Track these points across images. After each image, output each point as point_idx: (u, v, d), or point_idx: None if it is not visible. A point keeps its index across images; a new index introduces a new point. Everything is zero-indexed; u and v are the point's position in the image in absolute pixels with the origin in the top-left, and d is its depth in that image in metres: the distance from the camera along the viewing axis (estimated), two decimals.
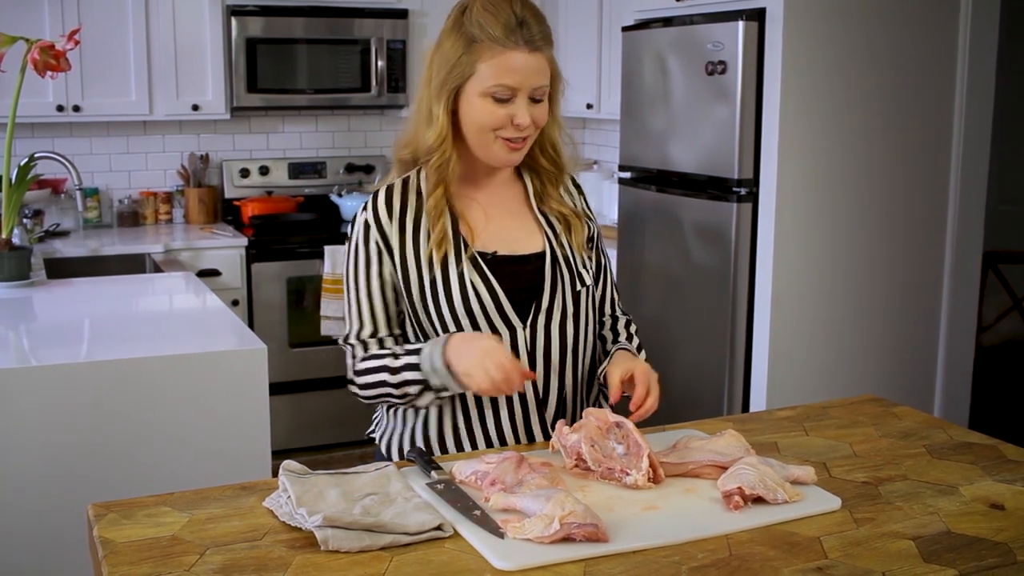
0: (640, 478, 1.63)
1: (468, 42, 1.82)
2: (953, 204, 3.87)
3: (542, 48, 1.84)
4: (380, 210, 1.91)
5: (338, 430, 4.76)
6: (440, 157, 1.87)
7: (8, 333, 2.82)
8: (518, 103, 1.83)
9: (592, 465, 1.68)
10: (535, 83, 1.83)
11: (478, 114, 1.84)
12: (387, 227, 1.90)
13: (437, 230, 1.88)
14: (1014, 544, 1.45)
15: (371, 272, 1.91)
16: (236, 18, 4.69)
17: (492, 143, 1.86)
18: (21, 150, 4.15)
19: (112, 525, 1.49)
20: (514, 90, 1.82)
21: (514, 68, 1.81)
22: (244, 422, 2.52)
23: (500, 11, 1.81)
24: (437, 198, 1.89)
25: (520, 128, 1.84)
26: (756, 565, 1.38)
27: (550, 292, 1.92)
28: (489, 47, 1.80)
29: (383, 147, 5.40)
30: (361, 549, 1.40)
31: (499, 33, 1.80)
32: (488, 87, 1.82)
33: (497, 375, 1.72)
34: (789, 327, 3.66)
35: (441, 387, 1.81)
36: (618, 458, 1.68)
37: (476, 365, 1.73)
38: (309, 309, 4.66)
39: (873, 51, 3.64)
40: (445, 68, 1.85)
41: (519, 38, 1.80)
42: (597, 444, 1.70)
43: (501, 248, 1.92)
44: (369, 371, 1.89)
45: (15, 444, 2.31)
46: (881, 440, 1.90)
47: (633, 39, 4.13)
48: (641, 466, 1.64)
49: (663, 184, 4.01)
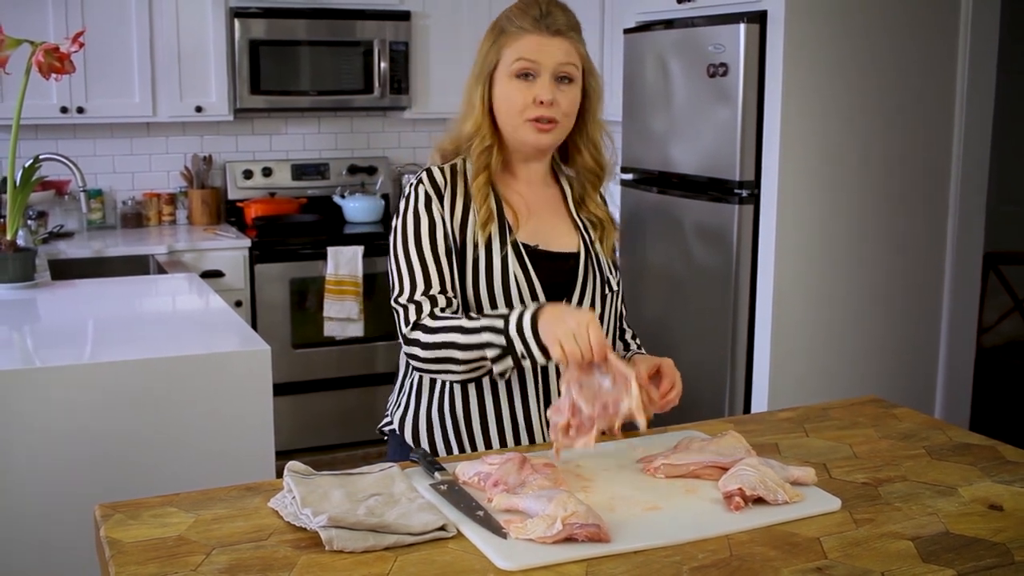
0: (633, 405, 1.64)
1: (498, 35, 1.95)
2: (954, 205, 3.88)
3: (565, 33, 1.93)
4: (439, 181, 1.96)
5: (342, 430, 4.77)
6: (481, 143, 1.96)
7: (12, 334, 2.83)
8: (541, 82, 1.91)
9: (586, 407, 1.66)
10: (557, 60, 1.91)
11: (506, 96, 1.94)
12: (446, 200, 1.95)
13: (483, 211, 1.93)
14: (1012, 544, 1.47)
15: (435, 235, 1.93)
16: (239, 20, 4.71)
17: (521, 126, 1.94)
18: (25, 152, 4.16)
19: (119, 525, 1.51)
20: (535, 64, 1.91)
21: (534, 46, 1.91)
22: (248, 423, 2.53)
23: (530, 7, 1.94)
24: (481, 183, 1.95)
25: (544, 105, 1.90)
26: (756, 565, 1.40)
27: (580, 291, 1.98)
28: (512, 33, 1.93)
29: (386, 148, 5.42)
30: (365, 549, 1.42)
31: (525, 23, 1.92)
32: (511, 67, 1.92)
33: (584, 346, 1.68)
34: (790, 328, 3.67)
35: (522, 354, 1.78)
36: (607, 391, 1.67)
37: (568, 334, 1.70)
38: (312, 310, 4.67)
39: (874, 53, 3.65)
40: (479, 62, 1.98)
41: (541, 24, 1.91)
42: (585, 384, 1.69)
43: (541, 243, 1.98)
44: (439, 330, 1.85)
45: (20, 445, 2.32)
46: (881, 441, 1.91)
47: (635, 41, 4.14)
48: (632, 393, 1.64)
49: (665, 186, 4.02)
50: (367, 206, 5.08)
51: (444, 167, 1.99)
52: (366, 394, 4.79)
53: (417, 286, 1.91)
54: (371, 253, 4.65)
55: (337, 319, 4.62)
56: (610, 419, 1.67)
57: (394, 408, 2.10)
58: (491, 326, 1.80)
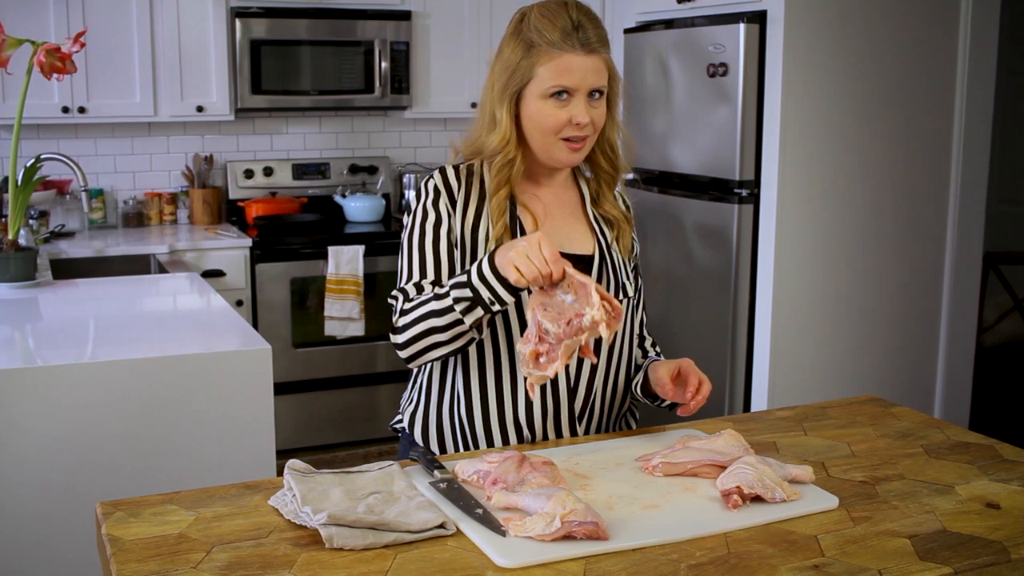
0: (596, 313, 1.63)
1: (527, 47, 1.90)
2: (953, 205, 3.89)
3: (598, 50, 1.90)
4: (451, 181, 1.96)
5: (342, 430, 4.78)
6: (504, 158, 1.94)
7: (14, 333, 2.84)
8: (576, 103, 1.89)
9: (551, 326, 1.65)
10: (592, 84, 1.90)
11: (539, 116, 1.91)
12: (457, 196, 1.95)
13: (499, 226, 1.93)
14: (1009, 542, 1.47)
15: (440, 229, 1.94)
16: (240, 20, 4.71)
17: (554, 145, 1.93)
18: (27, 151, 4.17)
19: (120, 523, 1.51)
20: (572, 90, 1.89)
21: (571, 69, 1.87)
22: (249, 422, 2.53)
23: (557, 17, 1.89)
24: (500, 199, 1.94)
25: (580, 127, 1.90)
26: (754, 563, 1.40)
27: None
28: (547, 51, 1.88)
29: (386, 148, 5.42)
30: (365, 547, 1.42)
31: (556, 37, 1.87)
32: (547, 88, 1.89)
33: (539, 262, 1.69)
34: (790, 327, 3.68)
35: (489, 299, 1.77)
36: (570, 306, 1.66)
37: (521, 254, 1.70)
38: (313, 309, 4.68)
39: (873, 53, 3.66)
40: (506, 73, 1.92)
41: (575, 41, 1.87)
42: (548, 305, 1.69)
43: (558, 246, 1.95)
44: (413, 308, 1.86)
45: (22, 444, 2.33)
46: (879, 440, 1.92)
47: (635, 41, 4.14)
48: (592, 301, 1.63)
49: (665, 185, 4.03)
50: (368, 206, 5.09)
51: (460, 167, 1.99)
52: (367, 393, 4.80)
53: (406, 278, 1.94)
54: (372, 252, 4.65)
55: (338, 318, 4.63)
56: (576, 333, 1.65)
57: (406, 405, 2.11)
58: (456, 282, 1.81)
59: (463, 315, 1.80)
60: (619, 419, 2.09)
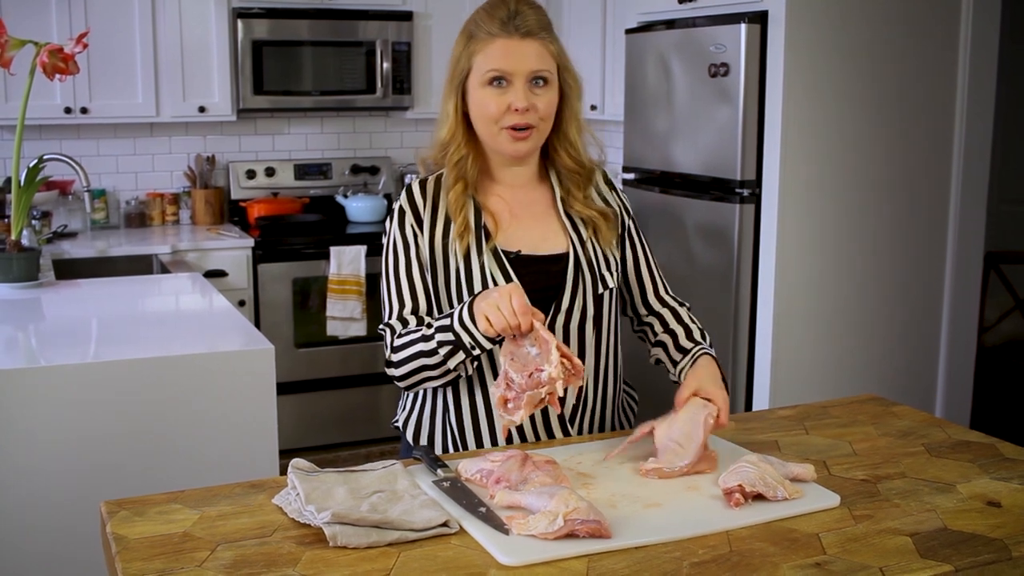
0: (553, 371, 1.64)
1: (467, 39, 1.92)
2: (955, 204, 3.89)
3: (536, 35, 1.89)
4: (416, 198, 1.97)
5: (344, 429, 4.79)
6: (456, 152, 1.94)
7: (17, 333, 2.84)
8: (514, 89, 1.88)
9: (516, 376, 1.68)
10: (530, 67, 1.88)
11: (479, 105, 1.91)
12: (423, 213, 1.95)
13: (459, 223, 1.92)
14: (1009, 540, 1.48)
15: (410, 254, 1.95)
16: (242, 20, 4.72)
17: (498, 134, 1.92)
18: (29, 152, 4.18)
19: (124, 522, 1.52)
20: (508, 74, 1.88)
21: (505, 53, 1.88)
22: (252, 421, 2.54)
23: (497, 8, 1.90)
24: (456, 193, 1.94)
25: (520, 113, 1.88)
26: (756, 561, 1.41)
27: (571, 294, 1.95)
28: (481, 39, 1.90)
29: (388, 148, 5.43)
30: (368, 545, 1.43)
31: (493, 25, 1.89)
32: (484, 75, 1.89)
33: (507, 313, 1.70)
34: (792, 327, 3.68)
35: (470, 344, 1.79)
36: (533, 359, 1.69)
37: (492, 304, 1.72)
38: (315, 309, 4.69)
39: (875, 52, 3.66)
40: (451, 67, 1.95)
41: (510, 27, 1.88)
42: (515, 355, 1.71)
43: (526, 247, 1.96)
44: (405, 345, 1.88)
45: (26, 444, 2.33)
46: (880, 439, 1.92)
47: (636, 41, 4.15)
48: (551, 359, 1.65)
49: (666, 185, 4.04)
50: (370, 206, 5.10)
51: (428, 179, 1.99)
52: (369, 393, 4.81)
53: (392, 309, 1.95)
54: (374, 253, 4.66)
55: (340, 318, 4.64)
56: (536, 386, 1.67)
57: (400, 409, 2.12)
58: (441, 326, 1.83)
59: (446, 358, 1.83)
60: (615, 413, 2.08)
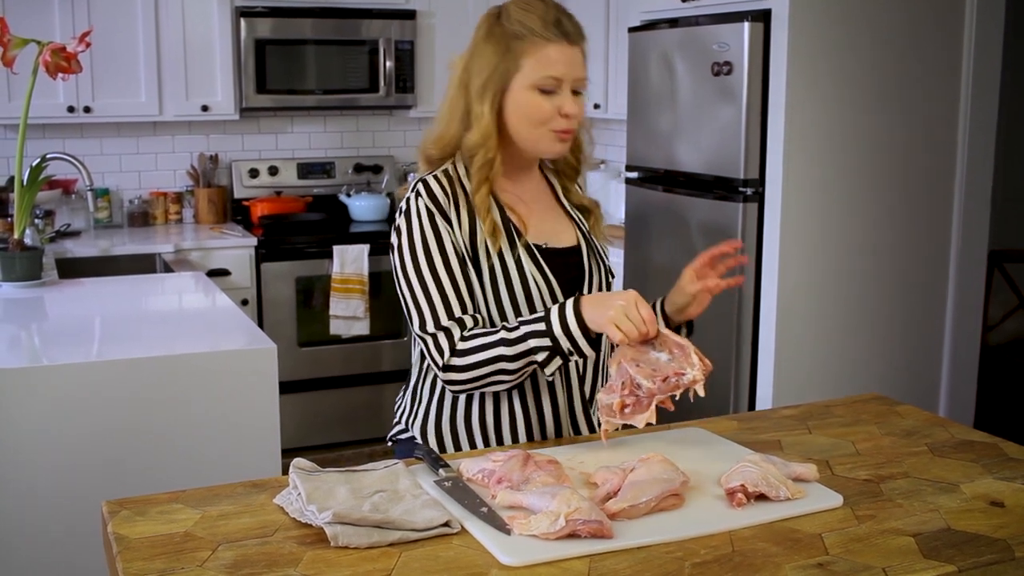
0: (696, 373, 1.69)
1: (510, 41, 1.89)
2: (958, 203, 3.88)
3: (578, 43, 1.92)
4: (437, 195, 1.91)
5: (347, 428, 4.79)
6: (483, 156, 1.92)
7: (20, 332, 2.85)
8: (563, 94, 1.90)
9: (646, 382, 1.70)
10: (576, 74, 1.91)
11: (526, 108, 1.90)
12: (448, 210, 1.91)
13: (488, 223, 1.91)
14: (1013, 541, 1.47)
15: (446, 252, 1.89)
16: (245, 19, 4.72)
17: (542, 136, 1.93)
18: (32, 151, 4.18)
19: (126, 522, 1.52)
20: (559, 81, 1.89)
21: (558, 60, 1.88)
22: (254, 421, 2.54)
23: (535, 8, 1.90)
24: (483, 196, 1.92)
25: (568, 119, 1.91)
26: (758, 561, 1.40)
27: (589, 283, 2.00)
28: (532, 42, 1.88)
29: (391, 147, 5.43)
30: (370, 545, 1.43)
31: (540, 27, 1.87)
32: (535, 80, 1.89)
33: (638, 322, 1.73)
34: (795, 326, 3.68)
35: (569, 350, 1.79)
36: (666, 364, 1.72)
37: (620, 313, 1.73)
38: (318, 308, 4.69)
39: (878, 50, 3.66)
40: (487, 69, 1.90)
41: (559, 31, 1.88)
42: (641, 362, 1.73)
43: (548, 241, 1.99)
44: (478, 349, 1.83)
45: (28, 443, 2.33)
46: (883, 438, 1.92)
47: (639, 40, 4.14)
48: (693, 362, 1.70)
49: (669, 184, 4.03)
50: (373, 204, 5.10)
51: (439, 176, 1.94)
52: (372, 392, 4.81)
53: (440, 313, 1.87)
54: (377, 251, 4.66)
55: (343, 317, 4.64)
56: (672, 391, 1.70)
57: (408, 417, 2.06)
58: (534, 331, 1.80)
59: (543, 365, 1.82)
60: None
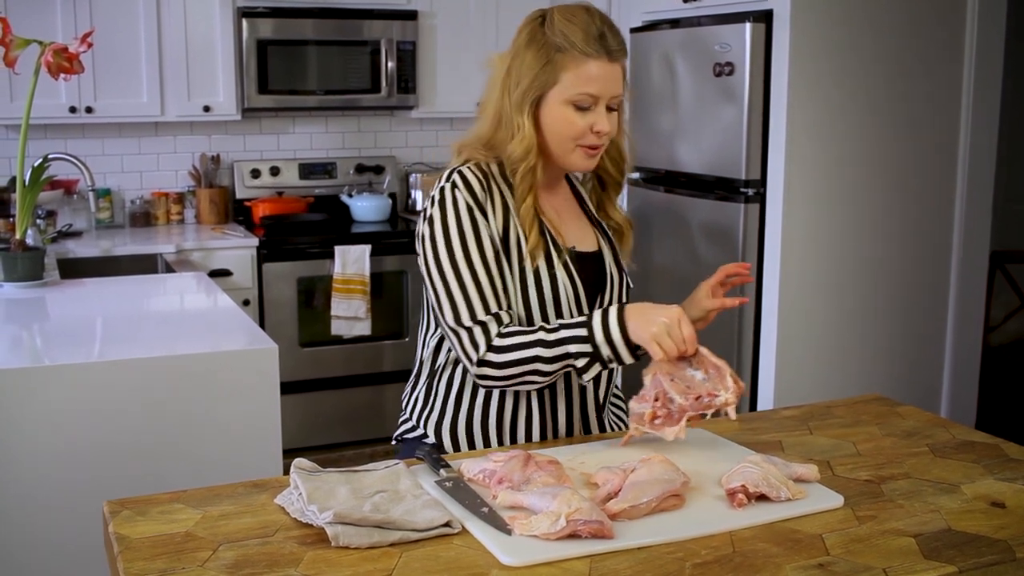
0: (730, 396, 1.70)
1: (551, 51, 1.87)
2: (960, 203, 3.88)
3: (619, 59, 1.90)
4: (474, 187, 1.89)
5: (348, 429, 4.79)
6: (527, 166, 1.90)
7: (22, 333, 2.85)
8: (598, 111, 1.89)
9: (678, 397, 1.72)
10: (613, 92, 1.90)
11: (560, 123, 1.89)
12: (484, 204, 1.90)
13: (533, 237, 1.90)
14: (1014, 541, 1.47)
15: (483, 246, 1.87)
16: (247, 20, 4.72)
17: (572, 151, 1.92)
18: (34, 151, 4.18)
19: (127, 521, 1.52)
20: (595, 98, 1.88)
21: (596, 77, 1.86)
22: (255, 421, 2.54)
23: (580, 21, 1.87)
24: (528, 208, 1.91)
25: (599, 136, 1.90)
26: (759, 561, 1.40)
27: (610, 290, 2.01)
28: (573, 56, 1.86)
29: (393, 147, 5.43)
30: (371, 545, 1.43)
31: (583, 43, 1.85)
32: (571, 95, 1.87)
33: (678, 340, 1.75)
34: (796, 327, 3.68)
35: (609, 358, 1.81)
36: (701, 383, 1.73)
37: (663, 332, 1.75)
38: (320, 309, 4.69)
39: (880, 51, 3.66)
40: (528, 77, 1.88)
41: (601, 47, 1.86)
42: (676, 377, 1.75)
43: (577, 245, 2.00)
44: (516, 347, 1.83)
45: (29, 443, 2.33)
46: (884, 439, 1.92)
47: (641, 40, 4.15)
48: (727, 384, 1.71)
49: (671, 184, 4.03)
50: (374, 205, 5.10)
51: (472, 168, 1.92)
52: (373, 393, 4.81)
53: (476, 307, 1.85)
54: (378, 252, 4.66)
55: (344, 318, 4.64)
56: (703, 409, 1.72)
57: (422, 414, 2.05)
58: (574, 336, 1.81)
59: (582, 372, 1.83)
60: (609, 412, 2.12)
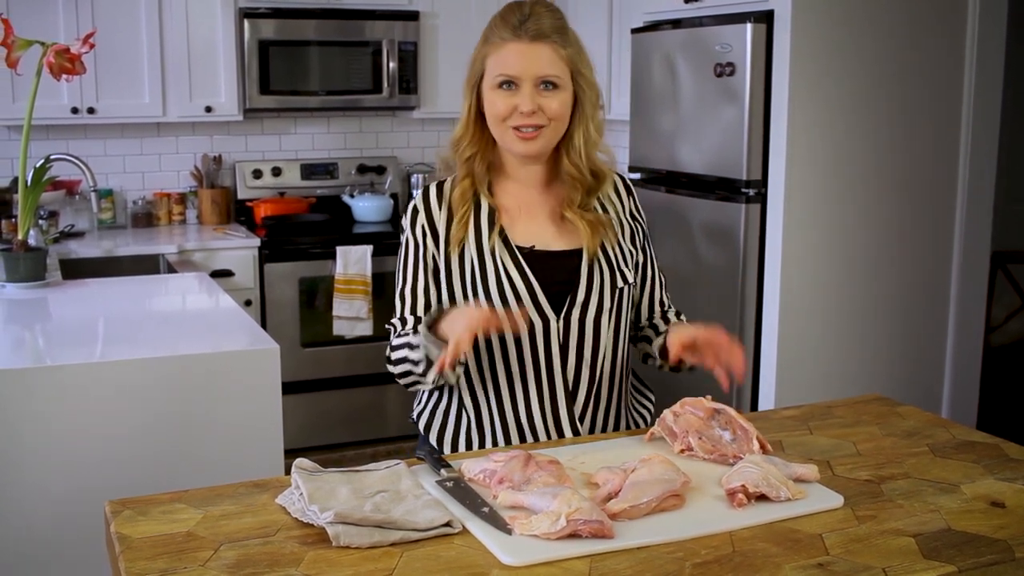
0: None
1: (483, 42, 1.97)
2: (961, 204, 3.88)
3: (548, 38, 1.92)
4: (431, 199, 2.02)
5: (350, 429, 4.79)
6: (467, 149, 1.99)
7: (24, 333, 2.85)
8: (522, 92, 1.92)
9: (703, 455, 1.76)
10: (537, 71, 1.92)
11: (489, 106, 1.96)
12: (435, 214, 2.00)
13: (460, 214, 1.97)
14: (1013, 541, 1.47)
15: (418, 253, 2.00)
16: (248, 20, 4.73)
17: (506, 133, 1.96)
18: (36, 152, 4.19)
19: (128, 521, 1.52)
20: (515, 78, 1.92)
21: (513, 59, 1.92)
22: (257, 421, 2.54)
23: (511, 14, 1.94)
24: (464, 188, 2.00)
25: (525, 115, 1.91)
26: (759, 561, 1.41)
27: (586, 287, 1.98)
28: (494, 43, 1.94)
29: (394, 148, 5.43)
30: (372, 545, 1.43)
31: (500, 27, 1.94)
32: (493, 78, 1.94)
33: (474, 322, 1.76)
34: (797, 327, 3.68)
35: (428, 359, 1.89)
36: (727, 444, 1.76)
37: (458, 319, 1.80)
38: (321, 309, 4.69)
39: (881, 52, 3.66)
40: (468, 71, 1.99)
41: (521, 31, 1.91)
42: (704, 435, 1.78)
43: (540, 244, 2.00)
44: (397, 347, 1.98)
45: (31, 443, 2.34)
46: (885, 439, 1.92)
47: (642, 41, 4.15)
48: (753, 447, 1.73)
49: (672, 185, 4.03)
50: (376, 205, 5.10)
51: (445, 183, 2.04)
52: (374, 393, 4.81)
53: (398, 308, 2.02)
54: (380, 252, 4.66)
55: (346, 318, 4.64)
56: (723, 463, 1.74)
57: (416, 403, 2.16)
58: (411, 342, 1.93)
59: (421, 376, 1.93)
60: (628, 411, 2.10)
